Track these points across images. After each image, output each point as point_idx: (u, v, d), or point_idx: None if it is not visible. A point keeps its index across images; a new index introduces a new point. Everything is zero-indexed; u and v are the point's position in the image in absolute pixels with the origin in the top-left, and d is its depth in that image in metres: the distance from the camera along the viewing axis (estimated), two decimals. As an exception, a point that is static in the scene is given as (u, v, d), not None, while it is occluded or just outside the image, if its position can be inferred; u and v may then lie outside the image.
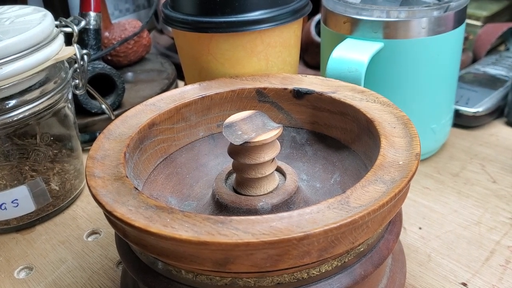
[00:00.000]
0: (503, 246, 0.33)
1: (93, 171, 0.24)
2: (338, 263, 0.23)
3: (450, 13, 0.36)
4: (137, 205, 0.21)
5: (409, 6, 0.37)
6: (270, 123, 0.27)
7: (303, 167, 0.32)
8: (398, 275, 0.28)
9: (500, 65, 0.54)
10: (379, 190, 0.22)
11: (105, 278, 0.33)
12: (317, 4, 0.46)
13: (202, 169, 0.32)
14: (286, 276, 0.22)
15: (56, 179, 0.38)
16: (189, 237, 0.19)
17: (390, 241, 0.25)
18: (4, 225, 0.37)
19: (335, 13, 0.38)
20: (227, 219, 0.20)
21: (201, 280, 0.22)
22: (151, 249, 0.21)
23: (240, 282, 0.22)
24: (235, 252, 0.20)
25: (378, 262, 0.24)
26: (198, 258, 0.20)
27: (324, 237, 0.20)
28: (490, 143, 0.45)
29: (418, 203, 0.38)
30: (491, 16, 0.62)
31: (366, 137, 0.29)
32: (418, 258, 0.33)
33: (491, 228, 0.35)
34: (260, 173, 0.27)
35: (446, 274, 0.31)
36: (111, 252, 0.35)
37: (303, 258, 0.20)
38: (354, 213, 0.20)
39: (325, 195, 0.30)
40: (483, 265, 0.32)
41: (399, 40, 0.36)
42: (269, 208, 0.26)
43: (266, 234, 0.19)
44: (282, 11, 0.36)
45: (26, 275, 0.34)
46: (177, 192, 0.30)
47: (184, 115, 0.32)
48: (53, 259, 0.35)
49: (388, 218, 0.22)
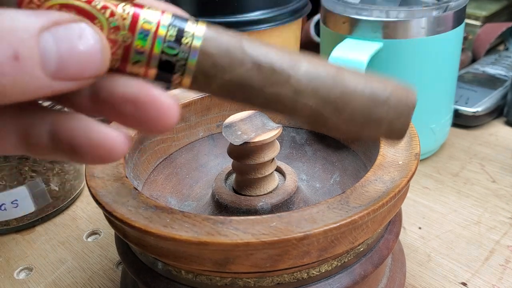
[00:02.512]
0: (502, 246, 0.33)
1: (93, 171, 0.24)
2: (338, 263, 0.23)
3: (449, 13, 0.36)
4: (137, 206, 0.21)
5: (408, 6, 0.37)
6: (270, 123, 0.27)
7: (302, 167, 0.32)
8: (398, 275, 0.28)
9: (499, 64, 0.54)
10: (379, 190, 0.22)
11: (105, 278, 0.33)
12: (316, 4, 0.46)
13: (202, 169, 0.32)
14: (286, 276, 0.22)
15: (55, 180, 0.38)
16: (189, 237, 0.19)
17: (389, 241, 0.25)
18: (4, 226, 0.37)
19: (334, 13, 0.38)
20: (227, 219, 0.20)
21: (201, 280, 0.22)
22: (151, 250, 0.21)
23: (240, 282, 0.22)
24: (235, 252, 0.20)
25: (378, 262, 0.24)
26: (198, 258, 0.20)
27: (324, 237, 0.20)
28: (489, 142, 0.45)
29: (417, 203, 0.38)
30: (490, 16, 0.62)
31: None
32: (418, 258, 0.33)
33: (490, 227, 0.35)
34: (260, 173, 0.27)
35: (446, 274, 0.31)
36: (111, 252, 0.35)
37: (303, 258, 0.20)
38: (353, 213, 0.20)
39: (324, 195, 0.30)
40: (482, 264, 0.32)
41: (398, 40, 0.36)
42: (269, 208, 0.26)
43: (266, 234, 0.19)
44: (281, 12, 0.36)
45: (26, 276, 0.34)
46: (177, 193, 0.30)
47: (183, 115, 0.32)
48: (53, 259, 0.35)
49: (387, 218, 0.22)
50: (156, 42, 0.15)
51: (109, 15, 0.15)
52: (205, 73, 0.16)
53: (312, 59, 0.17)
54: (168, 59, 0.16)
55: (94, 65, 0.15)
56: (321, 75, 0.17)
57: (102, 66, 0.15)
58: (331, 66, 0.17)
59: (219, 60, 0.16)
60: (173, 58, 0.16)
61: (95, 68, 0.15)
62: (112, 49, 0.15)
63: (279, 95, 0.16)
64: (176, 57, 0.16)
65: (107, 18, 0.15)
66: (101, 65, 0.15)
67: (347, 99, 0.17)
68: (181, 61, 0.16)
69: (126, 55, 0.16)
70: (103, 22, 0.15)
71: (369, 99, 0.17)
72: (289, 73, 0.16)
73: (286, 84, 0.16)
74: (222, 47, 0.16)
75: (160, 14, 0.16)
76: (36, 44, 0.13)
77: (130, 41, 0.15)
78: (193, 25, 0.16)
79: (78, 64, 0.14)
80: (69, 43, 0.14)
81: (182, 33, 0.16)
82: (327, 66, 0.17)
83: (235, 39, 0.16)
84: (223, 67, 0.16)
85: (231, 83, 0.16)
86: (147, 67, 0.16)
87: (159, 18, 0.16)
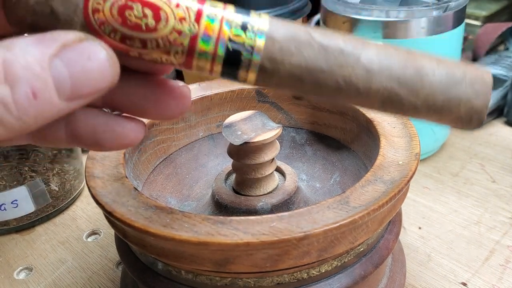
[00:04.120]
0: (502, 246, 0.33)
1: (93, 171, 0.24)
2: (338, 263, 0.23)
3: (449, 13, 0.36)
4: (136, 206, 0.21)
5: (408, 6, 0.37)
6: (270, 123, 0.27)
7: (302, 167, 0.32)
8: (398, 275, 0.28)
9: (499, 64, 0.54)
10: (379, 190, 0.22)
11: (104, 278, 0.33)
12: (316, 4, 0.46)
13: (202, 169, 0.32)
14: (286, 276, 0.22)
15: (55, 180, 0.38)
16: (188, 237, 0.19)
17: (390, 241, 0.25)
18: (4, 226, 0.37)
19: (334, 13, 0.38)
20: (227, 219, 0.20)
21: (201, 281, 0.22)
22: (151, 250, 0.21)
23: (240, 283, 0.22)
24: (235, 252, 0.20)
25: (378, 262, 0.24)
26: (198, 258, 0.20)
27: (324, 237, 0.20)
28: (489, 142, 0.45)
29: (417, 203, 0.38)
30: (490, 16, 0.62)
31: (365, 137, 0.29)
32: (418, 258, 0.33)
33: (490, 227, 0.35)
34: (260, 173, 0.27)
35: (446, 274, 0.31)
36: (111, 252, 0.35)
37: (303, 258, 0.20)
38: (353, 213, 0.20)
39: (324, 195, 0.30)
40: (483, 264, 0.32)
41: (398, 40, 0.36)
42: (268, 208, 0.26)
43: (266, 234, 0.19)
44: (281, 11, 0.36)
45: (26, 276, 0.34)
46: (177, 193, 0.30)
47: (183, 115, 0.32)
48: (53, 259, 0.35)
49: (387, 218, 0.22)
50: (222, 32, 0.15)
51: (175, 6, 0.15)
52: (272, 59, 0.16)
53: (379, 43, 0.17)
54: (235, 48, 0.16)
55: (106, 79, 0.15)
56: (392, 54, 0.16)
57: (113, 78, 0.15)
58: (400, 48, 0.17)
59: (286, 43, 0.16)
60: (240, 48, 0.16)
61: (107, 81, 0.15)
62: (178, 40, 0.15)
63: (350, 76, 0.16)
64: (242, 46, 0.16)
65: (173, 8, 0.15)
66: (112, 77, 0.15)
67: (423, 78, 0.16)
68: (247, 50, 0.16)
69: (192, 48, 0.16)
70: (168, 12, 0.15)
71: (446, 77, 0.17)
72: (359, 53, 0.16)
73: (357, 63, 0.16)
74: (287, 32, 0.16)
75: (222, 7, 0.16)
76: (49, 75, 0.14)
77: (196, 31, 0.15)
78: (256, 16, 0.16)
79: (90, 82, 0.15)
80: (79, 65, 0.14)
81: (247, 24, 0.16)
82: (396, 47, 0.17)
83: (300, 25, 0.16)
84: (290, 50, 0.16)
85: (300, 67, 0.16)
86: (213, 61, 0.16)
87: (222, 12, 0.16)
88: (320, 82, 0.16)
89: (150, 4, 0.15)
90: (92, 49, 0.15)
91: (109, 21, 0.15)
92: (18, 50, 0.14)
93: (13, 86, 0.13)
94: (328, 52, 0.16)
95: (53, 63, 0.14)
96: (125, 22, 0.15)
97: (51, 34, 0.14)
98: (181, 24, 0.15)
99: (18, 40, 0.14)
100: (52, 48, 0.14)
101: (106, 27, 0.15)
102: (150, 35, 0.15)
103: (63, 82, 0.14)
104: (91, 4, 0.15)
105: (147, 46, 0.16)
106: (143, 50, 0.16)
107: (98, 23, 0.15)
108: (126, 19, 0.15)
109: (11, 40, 0.14)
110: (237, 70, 0.16)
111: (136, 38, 0.15)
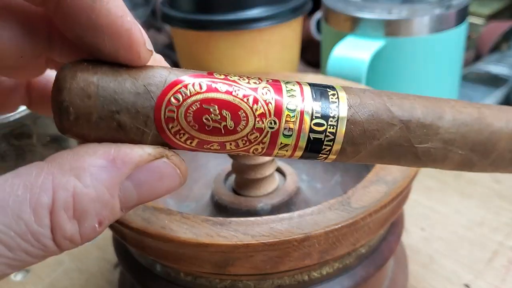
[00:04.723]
0: (506, 247, 0.33)
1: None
2: (339, 265, 0.22)
3: (452, 11, 0.36)
4: (134, 206, 0.21)
5: (411, 4, 0.36)
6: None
7: (303, 167, 0.32)
8: (400, 277, 0.28)
9: (502, 63, 0.54)
10: (381, 190, 0.21)
11: (102, 280, 0.33)
12: (317, 1, 0.46)
13: (201, 169, 0.32)
14: (286, 279, 0.22)
15: (54, 180, 0.38)
16: (187, 238, 0.19)
17: (392, 242, 0.25)
18: (2, 226, 0.37)
19: (336, 11, 0.38)
20: (227, 220, 0.20)
21: (200, 283, 0.22)
22: (149, 251, 0.21)
23: (240, 285, 0.22)
24: (235, 254, 0.19)
25: (380, 263, 0.24)
26: (197, 260, 0.20)
27: (325, 239, 0.19)
28: (492, 142, 0.45)
29: (420, 204, 0.38)
30: (493, 14, 0.62)
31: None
32: (420, 259, 0.32)
33: (494, 228, 0.35)
34: (260, 174, 0.26)
35: (448, 276, 0.31)
36: (109, 254, 0.35)
37: (304, 260, 0.20)
38: (355, 214, 0.20)
39: (326, 196, 0.29)
40: (486, 266, 0.31)
41: (400, 38, 0.36)
42: (269, 209, 0.26)
43: (266, 235, 0.19)
44: (282, 9, 0.36)
45: (23, 277, 0.33)
46: (176, 193, 0.30)
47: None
48: (50, 261, 0.35)
49: (390, 219, 0.22)
50: (303, 124, 0.15)
51: (253, 102, 0.14)
52: (353, 143, 0.15)
53: (452, 102, 0.16)
54: (316, 138, 0.15)
55: (172, 191, 0.14)
56: (466, 119, 0.16)
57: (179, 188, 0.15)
58: (471, 106, 0.16)
59: (368, 126, 0.15)
60: (321, 137, 0.15)
61: (171, 192, 0.15)
62: (259, 138, 0.14)
63: (429, 149, 0.16)
64: (323, 134, 0.15)
65: (251, 106, 0.14)
66: (178, 188, 0.15)
67: (495, 140, 0.16)
68: (329, 136, 0.15)
69: (273, 141, 0.15)
70: (247, 111, 0.14)
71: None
72: (438, 125, 0.16)
73: (436, 136, 0.16)
74: (368, 112, 0.15)
75: (300, 93, 0.15)
76: (117, 200, 0.13)
77: (277, 127, 0.14)
78: (334, 97, 0.15)
79: (156, 196, 0.14)
80: (149, 185, 0.14)
81: (327, 112, 0.15)
82: (468, 107, 0.16)
83: (379, 99, 0.15)
84: (372, 133, 0.15)
85: (381, 147, 0.15)
86: (294, 151, 0.15)
87: (301, 100, 0.15)
88: (400, 158, 0.16)
89: (227, 104, 0.14)
90: (164, 170, 0.14)
91: (185, 129, 0.14)
92: (89, 179, 0.13)
93: (81, 221, 0.13)
94: (409, 129, 0.15)
95: (123, 186, 0.13)
96: (203, 129, 0.14)
97: (123, 152, 0.13)
98: (261, 122, 0.14)
99: (87, 161, 0.13)
100: (123, 171, 0.13)
101: (182, 135, 0.14)
102: (229, 137, 0.14)
103: (129, 201, 0.13)
104: (163, 113, 0.14)
105: (225, 148, 0.15)
106: (220, 151, 0.15)
107: (172, 132, 0.14)
108: (203, 125, 0.14)
109: (80, 159, 0.13)
110: (317, 154, 0.15)
111: (214, 143, 0.14)
